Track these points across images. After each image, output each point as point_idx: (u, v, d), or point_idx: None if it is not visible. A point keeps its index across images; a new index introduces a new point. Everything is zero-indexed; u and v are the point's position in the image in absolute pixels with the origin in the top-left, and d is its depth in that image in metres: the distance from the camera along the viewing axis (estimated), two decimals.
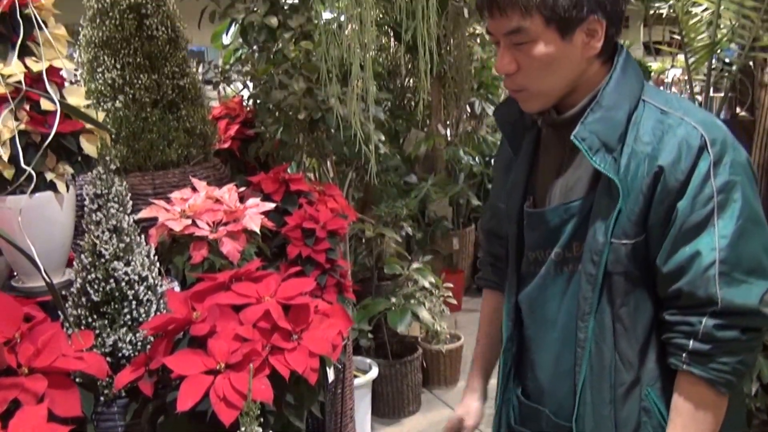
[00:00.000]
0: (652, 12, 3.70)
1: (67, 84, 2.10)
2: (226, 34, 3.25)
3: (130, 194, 2.03)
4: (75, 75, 2.14)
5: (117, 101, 2.03)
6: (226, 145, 2.58)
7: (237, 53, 3.71)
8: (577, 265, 1.24)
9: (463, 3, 4.07)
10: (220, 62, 4.25)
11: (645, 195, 1.15)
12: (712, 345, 1.11)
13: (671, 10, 3.63)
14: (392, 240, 3.28)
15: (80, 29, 2.08)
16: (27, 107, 1.69)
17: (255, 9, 2.76)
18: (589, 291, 1.20)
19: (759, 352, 1.18)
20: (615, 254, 1.18)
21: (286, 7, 2.80)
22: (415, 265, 3.29)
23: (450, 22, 4.18)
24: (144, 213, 1.93)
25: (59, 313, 1.61)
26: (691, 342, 1.13)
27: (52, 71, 1.75)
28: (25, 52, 1.72)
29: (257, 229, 1.93)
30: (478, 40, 4.69)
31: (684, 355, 1.14)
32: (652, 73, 7.50)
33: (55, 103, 1.68)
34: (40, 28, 1.75)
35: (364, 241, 3.28)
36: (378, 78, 4.48)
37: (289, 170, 2.82)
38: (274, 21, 2.64)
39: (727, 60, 3.91)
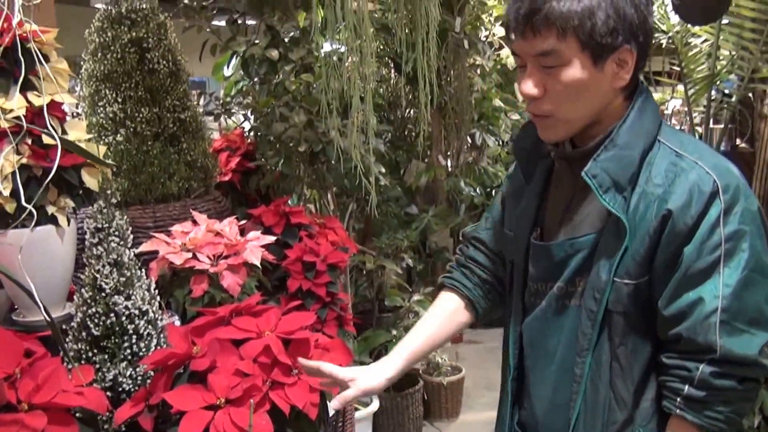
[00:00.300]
0: (651, 42, 3.73)
1: (69, 117, 2.12)
2: (228, 67, 3.28)
3: (130, 228, 2.05)
4: (77, 108, 2.15)
5: (118, 135, 2.04)
6: (226, 178, 2.58)
7: (238, 85, 3.74)
8: (579, 300, 1.23)
9: (463, 35, 4.09)
10: (221, 93, 4.28)
11: (652, 237, 1.15)
12: (708, 392, 1.10)
13: (670, 41, 3.65)
14: (393, 272, 3.27)
15: (82, 63, 2.09)
16: (29, 141, 1.70)
17: (256, 42, 2.79)
18: (589, 327, 1.20)
19: (755, 400, 1.17)
20: (617, 293, 1.17)
21: (286, 40, 2.82)
22: (416, 297, 3.28)
23: (450, 54, 4.20)
24: (145, 246, 1.93)
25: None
26: (687, 387, 1.12)
27: (54, 105, 1.76)
28: (27, 87, 1.73)
29: (258, 263, 1.92)
30: (479, 71, 4.71)
31: (678, 399, 1.13)
32: None
33: (55, 139, 1.68)
34: (41, 63, 1.76)
35: (364, 272, 3.27)
36: (378, 109, 4.50)
37: (289, 202, 2.82)
38: (275, 54, 2.67)
39: (726, 91, 3.93)
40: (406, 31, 2.53)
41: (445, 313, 1.49)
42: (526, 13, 1.14)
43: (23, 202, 1.65)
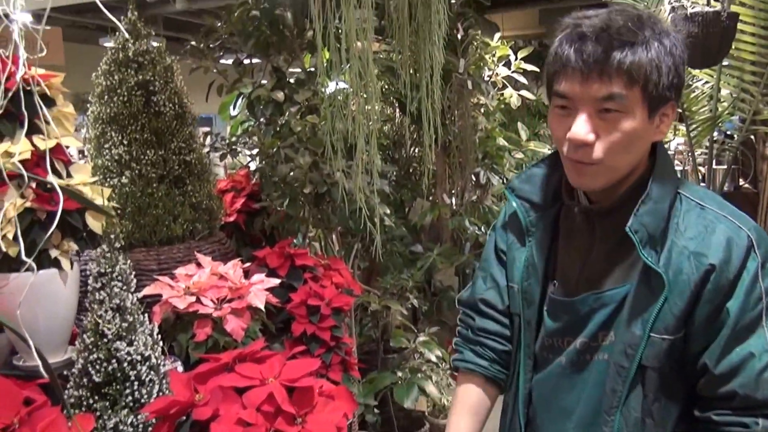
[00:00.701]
0: None
1: (77, 158, 2.12)
2: (234, 107, 3.28)
3: (133, 272, 2.04)
4: (83, 151, 2.16)
5: (123, 177, 2.04)
6: (231, 219, 2.57)
7: (244, 125, 3.75)
8: (600, 355, 1.21)
9: (467, 75, 4.12)
10: (228, 130, 4.30)
11: (693, 292, 1.13)
12: None
13: None
14: (398, 312, 3.24)
15: (88, 105, 2.10)
16: (33, 185, 1.70)
17: (263, 83, 2.80)
18: (620, 384, 1.17)
19: None
20: (652, 348, 1.15)
21: (292, 81, 2.84)
22: (421, 338, 3.25)
23: (454, 94, 4.22)
24: (148, 290, 1.91)
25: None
26: None
27: (59, 149, 1.76)
28: (32, 130, 1.73)
29: (262, 306, 1.91)
30: (482, 111, 4.73)
31: None
32: None
33: (53, 186, 1.68)
34: (41, 108, 1.76)
35: (369, 311, 3.24)
36: (383, 148, 4.51)
37: (294, 242, 2.81)
38: (280, 95, 2.68)
39: (728, 132, 3.93)
40: (411, 72, 2.54)
41: (471, 410, 1.40)
42: (598, 57, 1.11)
43: (21, 250, 1.65)
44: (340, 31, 2.01)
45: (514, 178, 1.38)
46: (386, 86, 4.39)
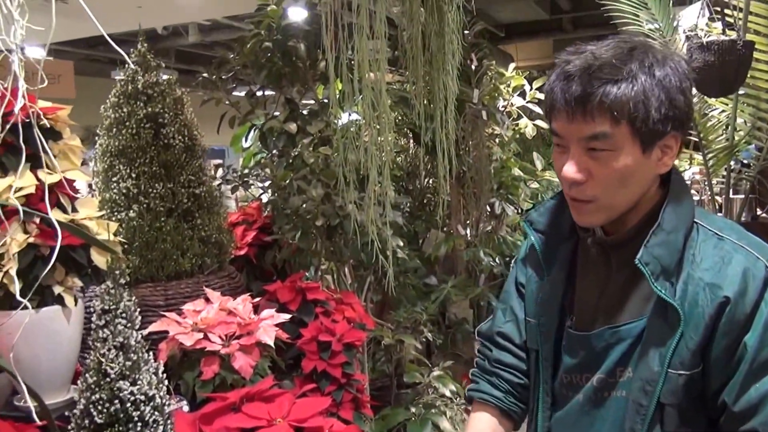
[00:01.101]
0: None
1: (87, 192, 2.09)
2: (246, 139, 3.26)
3: (138, 309, 1.99)
4: (91, 185, 2.13)
5: (131, 211, 2.00)
6: (242, 252, 2.53)
7: (257, 157, 3.72)
8: (618, 391, 1.16)
9: (481, 106, 4.08)
10: (240, 162, 4.28)
11: (708, 325, 1.08)
12: None
13: None
14: (412, 346, 3.17)
15: (96, 138, 2.07)
16: (36, 220, 1.66)
17: (275, 115, 2.77)
18: (639, 423, 1.12)
19: None
20: (670, 384, 1.10)
21: (305, 113, 2.81)
22: (435, 373, 3.17)
23: (468, 124, 4.19)
24: (154, 326, 1.87)
25: None
26: None
27: (64, 183, 1.72)
28: (37, 164, 1.70)
29: (271, 343, 1.86)
30: (497, 140, 4.69)
31: None
32: None
33: (53, 224, 1.64)
34: (54, 140, 1.74)
35: (383, 346, 3.18)
36: (397, 179, 4.47)
37: (307, 275, 2.76)
38: (293, 127, 2.65)
39: (745, 161, 3.87)
40: (425, 102, 2.51)
41: None
42: (579, 96, 1.10)
43: (16, 285, 1.60)
44: (352, 62, 1.98)
45: (532, 211, 1.35)
46: (400, 117, 4.37)
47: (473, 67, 4.12)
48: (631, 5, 3.08)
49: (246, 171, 3.16)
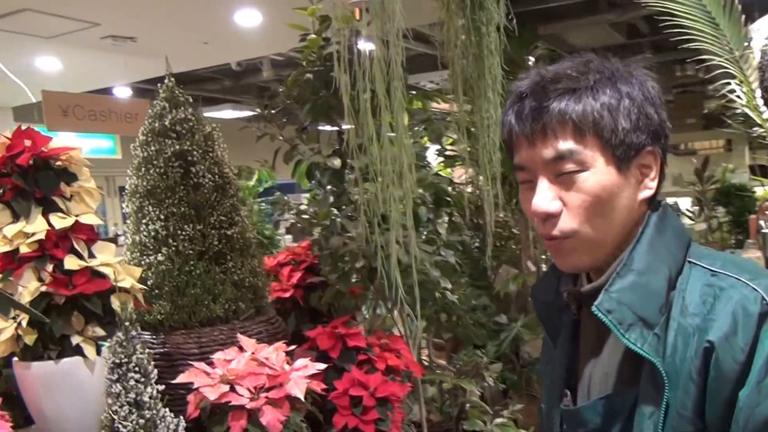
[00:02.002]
0: (755, 135, 3.41)
1: (122, 236, 2.00)
2: (293, 175, 3.16)
3: (172, 356, 1.88)
4: (123, 228, 2.04)
5: (160, 254, 1.90)
6: (287, 294, 2.40)
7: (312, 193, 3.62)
8: None
9: None
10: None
11: (696, 382, 0.89)
12: None
13: None
14: (473, 392, 2.97)
15: (127, 179, 1.99)
16: (49, 267, 1.57)
17: (320, 150, 2.65)
18: None
19: None
20: None
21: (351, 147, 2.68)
22: (498, 420, 2.95)
23: None
24: (182, 378, 1.74)
25: None
26: None
27: (80, 227, 1.64)
28: (51, 208, 1.62)
29: (301, 396, 1.70)
30: None
31: None
32: (757, 201, 7.02)
33: (74, 264, 1.55)
34: (69, 182, 1.66)
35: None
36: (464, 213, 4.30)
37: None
38: (337, 162, 2.52)
39: None
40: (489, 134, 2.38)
41: None
42: (533, 111, 0.96)
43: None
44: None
45: (536, 282, 1.20)
46: (468, 148, 4.20)
47: None
48: (698, 22, 2.85)
49: (302, 208, 3.05)
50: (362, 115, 1.93)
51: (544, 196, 0.97)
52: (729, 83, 2.89)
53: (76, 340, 1.61)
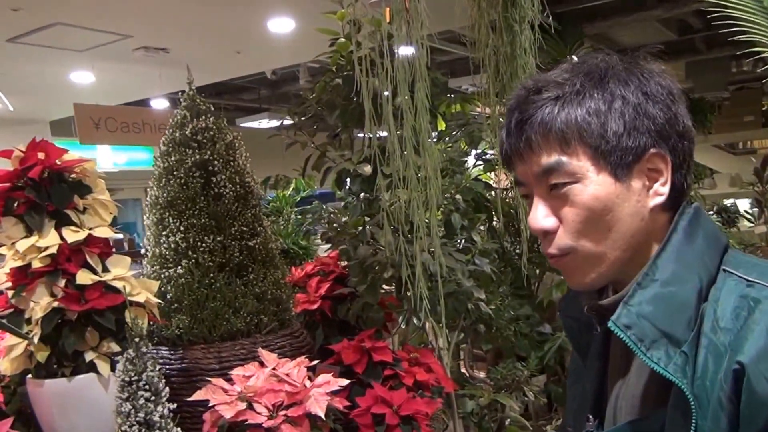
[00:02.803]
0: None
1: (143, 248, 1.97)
2: (321, 183, 3.10)
3: (191, 372, 1.84)
4: (144, 240, 2.01)
5: (179, 267, 1.85)
6: (314, 306, 2.33)
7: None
8: None
9: None
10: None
11: (727, 410, 0.79)
12: None
13: None
14: (512, 407, 2.87)
15: (147, 190, 1.95)
16: (62, 282, 1.54)
17: (350, 156, 2.59)
18: None
19: None
20: None
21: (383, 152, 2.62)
22: None
23: None
24: (199, 395, 1.69)
25: None
26: None
27: (94, 241, 1.60)
28: (65, 221, 1.59)
29: (322, 414, 1.64)
30: None
31: None
32: None
33: (86, 279, 1.51)
34: (82, 195, 1.62)
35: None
36: (508, 217, 4.19)
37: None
38: (367, 169, 2.45)
39: None
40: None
41: None
42: (517, 124, 0.90)
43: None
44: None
45: (565, 296, 1.10)
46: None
47: None
48: (751, 13, 2.71)
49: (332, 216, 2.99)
50: (385, 120, 1.87)
51: (538, 213, 0.92)
52: None
53: (89, 356, 1.58)
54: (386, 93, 1.78)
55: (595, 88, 0.89)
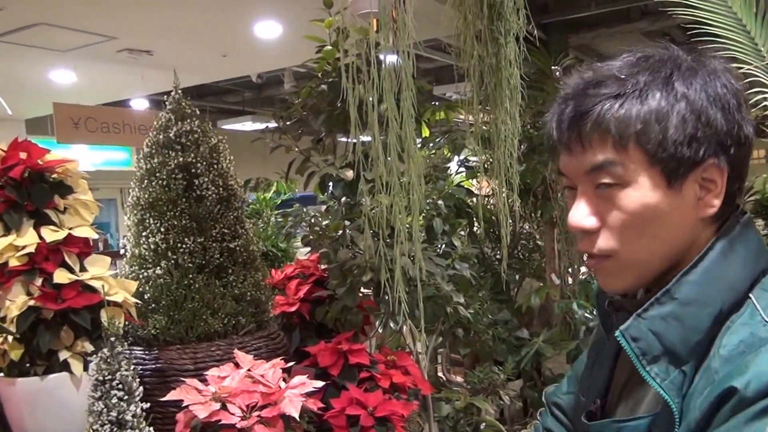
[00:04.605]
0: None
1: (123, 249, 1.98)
2: (305, 187, 3.12)
3: (166, 372, 1.85)
4: (123, 240, 2.02)
5: (158, 267, 1.87)
6: (293, 308, 2.35)
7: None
8: None
9: None
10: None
11: (699, 421, 0.80)
12: None
13: None
14: (491, 408, 2.90)
15: (122, 190, 1.97)
16: (39, 281, 1.55)
17: (333, 161, 2.61)
18: None
19: None
20: None
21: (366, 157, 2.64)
22: None
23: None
24: (172, 395, 1.71)
25: None
26: None
27: (73, 240, 1.61)
28: (45, 221, 1.60)
29: (296, 415, 1.66)
30: None
31: None
32: None
33: (64, 278, 1.52)
34: (64, 194, 1.64)
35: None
36: (488, 223, 4.23)
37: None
38: (349, 174, 2.48)
39: None
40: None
41: None
42: (572, 118, 0.88)
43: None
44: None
45: None
46: (490, 158, 4.14)
47: None
48: (729, 30, 2.76)
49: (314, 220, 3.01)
50: (370, 127, 1.89)
51: (580, 211, 0.90)
52: (764, 92, 2.79)
53: (63, 355, 1.58)
54: (371, 99, 1.80)
55: (658, 87, 0.86)
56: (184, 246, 1.89)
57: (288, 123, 2.78)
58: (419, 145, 2.98)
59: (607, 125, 0.85)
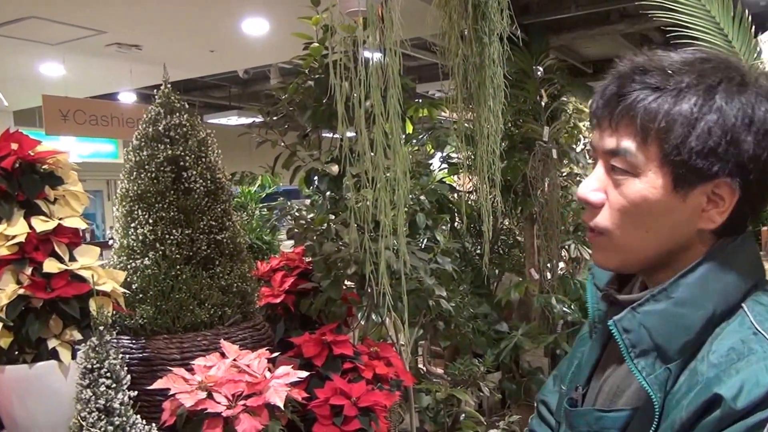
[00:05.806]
0: None
1: (111, 240, 2.01)
2: (290, 182, 3.16)
3: (153, 362, 1.88)
4: (111, 232, 2.05)
5: (146, 258, 1.90)
6: (278, 300, 2.39)
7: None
8: None
9: (553, 144, 3.86)
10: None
11: (683, 424, 0.83)
12: None
13: None
14: (471, 399, 2.96)
15: (109, 182, 1.99)
16: (28, 270, 1.58)
17: (318, 156, 2.65)
18: None
19: None
20: None
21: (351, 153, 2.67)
22: (493, 431, 2.94)
23: (539, 163, 3.97)
24: (159, 383, 1.74)
25: None
26: None
27: (63, 231, 1.64)
28: (35, 211, 1.63)
29: (281, 404, 1.69)
30: (578, 178, 4.44)
31: None
32: None
33: (54, 267, 1.55)
34: (54, 185, 1.66)
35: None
36: (469, 218, 4.29)
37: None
38: (334, 169, 2.52)
39: None
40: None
41: None
42: (608, 98, 0.91)
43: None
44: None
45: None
46: (473, 156, 4.19)
47: (543, 103, 3.90)
48: (707, 33, 2.82)
49: (298, 214, 3.04)
50: (357, 123, 1.92)
51: (590, 184, 0.94)
52: None
53: (52, 343, 1.61)
54: (356, 96, 1.83)
55: (698, 93, 0.86)
56: (171, 237, 1.92)
57: (275, 118, 2.82)
58: (403, 142, 3.02)
59: (636, 114, 0.87)
